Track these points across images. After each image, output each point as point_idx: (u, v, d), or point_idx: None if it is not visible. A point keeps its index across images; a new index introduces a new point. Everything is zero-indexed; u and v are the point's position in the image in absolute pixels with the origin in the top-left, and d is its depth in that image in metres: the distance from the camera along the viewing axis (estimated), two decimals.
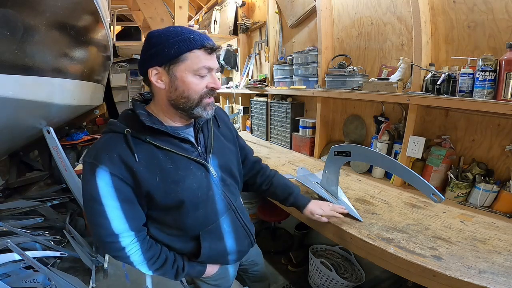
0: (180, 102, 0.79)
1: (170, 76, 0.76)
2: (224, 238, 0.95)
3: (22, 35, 1.20)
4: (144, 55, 0.78)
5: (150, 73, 0.77)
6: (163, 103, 0.81)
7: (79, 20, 1.87)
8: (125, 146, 0.76)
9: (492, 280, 0.80)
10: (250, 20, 3.08)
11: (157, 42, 0.75)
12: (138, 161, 0.75)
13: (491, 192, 1.25)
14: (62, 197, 2.65)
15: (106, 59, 3.00)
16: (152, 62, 0.76)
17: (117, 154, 0.74)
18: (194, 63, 0.76)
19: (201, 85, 0.79)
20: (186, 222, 0.86)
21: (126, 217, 0.78)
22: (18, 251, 1.53)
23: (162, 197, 0.80)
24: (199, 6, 4.48)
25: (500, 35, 1.21)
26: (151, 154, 0.78)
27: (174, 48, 0.73)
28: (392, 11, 1.63)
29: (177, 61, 0.75)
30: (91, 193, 0.75)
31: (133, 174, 0.75)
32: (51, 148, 2.04)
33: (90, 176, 0.74)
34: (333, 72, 1.90)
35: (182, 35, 0.75)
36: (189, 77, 0.77)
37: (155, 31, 0.78)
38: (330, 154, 1.29)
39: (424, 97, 1.33)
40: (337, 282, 1.69)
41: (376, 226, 1.14)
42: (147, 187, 0.77)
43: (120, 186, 0.75)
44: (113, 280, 2.02)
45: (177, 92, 0.78)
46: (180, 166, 0.82)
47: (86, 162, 0.76)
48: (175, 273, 0.91)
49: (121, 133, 0.77)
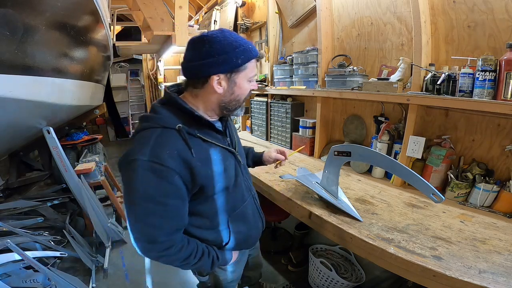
0: (231, 104, 0.87)
1: (230, 82, 0.82)
2: (247, 221, 1.02)
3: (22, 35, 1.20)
4: (206, 61, 0.78)
5: (212, 79, 0.80)
6: (211, 103, 0.86)
7: (79, 20, 1.87)
8: (182, 142, 0.77)
9: (492, 280, 0.80)
10: (250, 20, 3.08)
11: (222, 50, 0.78)
12: (195, 156, 0.78)
13: (491, 192, 1.25)
14: (62, 197, 2.64)
15: (106, 59, 2.99)
16: (216, 69, 0.79)
17: (177, 151, 0.75)
18: (250, 71, 0.85)
19: (248, 90, 0.88)
20: (221, 208, 0.92)
21: (181, 215, 0.81)
22: (18, 251, 1.53)
23: (211, 187, 0.84)
24: (199, 6, 4.48)
25: (500, 35, 1.21)
26: (201, 148, 0.82)
27: (240, 58, 0.79)
28: (392, 11, 1.63)
29: (240, 69, 0.82)
30: (148, 193, 0.73)
31: (191, 170, 0.77)
32: (51, 148, 2.04)
33: (147, 175, 0.72)
34: (333, 72, 1.90)
35: (243, 45, 0.81)
36: (245, 84, 0.86)
37: (214, 36, 0.79)
38: (330, 154, 1.29)
39: (424, 97, 1.33)
40: (337, 282, 1.69)
41: (376, 226, 1.14)
42: (201, 181, 0.80)
43: (179, 185, 0.76)
44: (113, 280, 2.02)
45: (232, 96, 0.85)
46: (222, 157, 0.88)
47: (140, 161, 0.72)
48: (211, 263, 0.93)
49: (173, 129, 0.78)
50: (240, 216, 0.98)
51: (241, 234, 0.99)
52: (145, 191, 0.74)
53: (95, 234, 2.30)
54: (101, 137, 3.49)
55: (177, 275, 2.09)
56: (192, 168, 0.77)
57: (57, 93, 1.73)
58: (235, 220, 0.97)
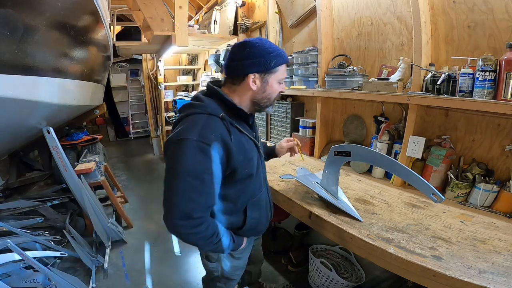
0: (263, 102, 1.00)
1: (263, 81, 0.96)
2: (261, 209, 1.13)
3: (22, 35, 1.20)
4: (245, 62, 0.93)
5: (249, 77, 0.94)
6: (245, 98, 0.99)
7: (79, 20, 1.86)
8: (224, 128, 0.89)
9: (492, 280, 0.80)
10: (250, 20, 3.08)
11: (259, 54, 0.92)
12: (233, 142, 0.90)
13: (491, 192, 1.25)
14: (62, 197, 2.64)
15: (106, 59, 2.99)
16: (253, 69, 0.93)
17: (220, 134, 0.87)
18: (281, 74, 0.99)
19: (279, 90, 1.01)
20: (243, 194, 1.03)
21: (214, 194, 0.91)
22: (18, 251, 1.53)
23: (241, 172, 0.96)
24: (199, 6, 4.48)
25: (500, 35, 1.21)
26: (237, 136, 0.94)
27: (273, 61, 0.94)
28: (392, 11, 1.64)
29: (272, 71, 0.96)
30: (192, 169, 0.83)
31: (228, 153, 0.89)
32: (51, 148, 2.03)
33: (195, 152, 0.82)
34: (333, 72, 1.90)
35: (277, 51, 0.95)
36: (275, 84, 0.99)
37: (254, 42, 0.94)
38: (330, 154, 1.29)
39: (424, 97, 1.33)
40: (337, 282, 1.69)
41: (376, 226, 1.14)
42: (235, 164, 0.92)
43: (218, 164, 0.87)
44: (113, 280, 2.02)
45: (264, 94, 0.98)
46: (249, 147, 1.00)
47: (189, 140, 0.83)
48: (228, 245, 1.01)
49: (217, 116, 0.90)
50: (256, 203, 1.09)
51: (254, 220, 1.09)
52: (191, 167, 0.83)
53: (95, 234, 2.30)
54: (101, 137, 3.49)
55: (177, 275, 2.09)
56: (230, 152, 0.89)
57: (57, 93, 1.73)
58: (252, 207, 1.07)
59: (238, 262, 1.21)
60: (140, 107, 7.06)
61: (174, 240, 2.57)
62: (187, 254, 2.34)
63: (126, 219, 2.75)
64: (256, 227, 1.14)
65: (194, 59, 5.21)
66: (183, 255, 2.34)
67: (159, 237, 2.61)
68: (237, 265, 1.22)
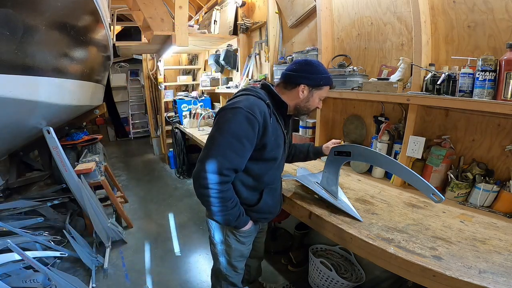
0: (303, 109, 1.20)
1: (309, 93, 1.16)
2: (274, 197, 1.26)
3: (22, 35, 1.20)
4: (301, 74, 1.14)
5: (301, 86, 1.14)
6: (291, 102, 1.18)
7: (79, 20, 1.86)
8: (267, 109, 1.08)
9: (492, 280, 0.80)
10: (250, 20, 3.08)
11: (314, 72, 1.14)
12: (271, 123, 1.07)
13: (491, 192, 1.25)
14: (62, 197, 2.64)
15: (106, 59, 2.99)
16: (306, 81, 1.14)
17: (263, 112, 1.05)
18: (324, 92, 1.20)
19: (317, 105, 1.22)
20: (266, 175, 1.17)
21: (244, 159, 1.06)
22: (18, 251, 1.53)
23: (269, 150, 1.11)
24: (199, 6, 4.48)
25: (500, 35, 1.21)
26: (274, 121, 1.12)
27: (322, 81, 1.15)
28: (392, 11, 1.64)
29: (319, 88, 1.17)
30: (236, 131, 1.00)
31: (265, 128, 1.05)
32: (51, 148, 2.04)
33: (242, 119, 0.99)
34: (333, 72, 1.90)
35: (327, 74, 1.17)
36: (317, 99, 1.20)
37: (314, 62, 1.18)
38: (330, 154, 1.29)
39: (424, 97, 1.33)
40: (337, 282, 1.69)
41: (376, 226, 1.14)
42: (266, 140, 1.07)
43: (256, 134, 1.03)
44: (113, 280, 2.02)
45: (306, 104, 1.18)
46: (280, 136, 1.17)
47: (241, 109, 1.00)
48: (236, 217, 1.13)
49: (264, 101, 1.09)
50: (272, 190, 1.23)
51: (266, 204, 1.22)
52: (235, 129, 1.00)
53: (95, 234, 2.30)
54: (101, 137, 3.49)
55: (177, 275, 2.09)
56: (266, 127, 1.05)
57: (57, 93, 1.73)
58: (268, 192, 1.21)
59: (241, 246, 1.29)
60: (140, 107, 7.06)
61: (174, 240, 2.57)
62: (187, 254, 2.34)
63: (126, 219, 2.75)
64: (266, 211, 1.25)
65: (194, 59, 5.21)
66: (183, 255, 2.34)
67: (159, 237, 2.61)
68: (241, 250, 1.30)
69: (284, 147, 1.23)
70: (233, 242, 1.27)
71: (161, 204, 3.32)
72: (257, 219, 1.26)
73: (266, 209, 1.23)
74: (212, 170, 1.00)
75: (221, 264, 1.35)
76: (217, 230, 1.27)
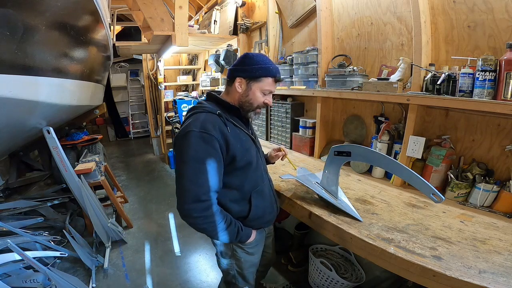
0: (246, 105, 1.14)
1: (247, 87, 1.12)
2: (265, 198, 1.23)
3: (22, 35, 1.20)
4: (237, 67, 1.13)
5: (237, 79, 1.12)
6: (234, 99, 1.15)
7: (79, 20, 1.87)
8: (221, 121, 1.05)
9: (492, 280, 0.80)
10: (250, 20, 3.08)
11: (249, 63, 1.10)
12: (229, 132, 1.05)
13: (491, 192, 1.25)
14: (62, 197, 2.65)
15: (106, 59, 2.99)
16: (241, 74, 1.11)
17: (218, 126, 1.03)
18: (266, 85, 1.12)
19: (261, 99, 1.14)
20: (246, 181, 1.14)
21: (219, 176, 1.04)
22: (18, 251, 1.54)
23: (240, 158, 1.08)
24: (199, 6, 4.48)
25: (500, 35, 1.21)
26: (233, 128, 1.09)
27: (258, 72, 1.09)
28: (392, 11, 1.64)
29: (257, 80, 1.10)
30: (197, 155, 0.98)
31: (226, 140, 1.03)
32: (51, 148, 2.04)
33: (198, 141, 0.98)
34: (333, 72, 1.90)
35: (266, 64, 1.10)
36: (257, 92, 1.12)
37: (250, 55, 1.13)
38: (330, 154, 1.29)
39: (424, 97, 1.33)
40: (337, 282, 1.69)
41: (376, 226, 1.14)
42: (233, 151, 1.05)
43: (218, 149, 1.01)
44: (113, 280, 2.02)
45: (246, 98, 1.13)
46: (245, 139, 1.14)
47: (193, 131, 0.98)
48: (236, 233, 1.11)
49: (215, 113, 1.06)
50: (259, 193, 1.20)
51: (259, 208, 1.19)
52: (196, 153, 0.98)
53: (95, 234, 2.30)
54: (101, 137, 3.49)
55: (177, 275, 2.09)
56: (227, 140, 1.03)
57: (57, 93, 1.73)
58: (256, 196, 1.18)
59: (251, 257, 1.28)
60: (140, 107, 7.06)
61: (174, 240, 2.57)
62: (187, 254, 2.34)
63: (126, 219, 2.75)
64: (262, 216, 1.22)
65: (194, 59, 5.21)
66: (183, 255, 2.34)
67: (159, 237, 2.61)
68: (251, 261, 1.29)
69: (255, 146, 1.21)
70: (243, 255, 1.25)
71: (161, 204, 3.32)
72: (260, 226, 1.24)
73: (261, 213, 1.21)
74: (190, 201, 0.98)
75: (233, 277, 1.32)
76: (223, 247, 1.26)
